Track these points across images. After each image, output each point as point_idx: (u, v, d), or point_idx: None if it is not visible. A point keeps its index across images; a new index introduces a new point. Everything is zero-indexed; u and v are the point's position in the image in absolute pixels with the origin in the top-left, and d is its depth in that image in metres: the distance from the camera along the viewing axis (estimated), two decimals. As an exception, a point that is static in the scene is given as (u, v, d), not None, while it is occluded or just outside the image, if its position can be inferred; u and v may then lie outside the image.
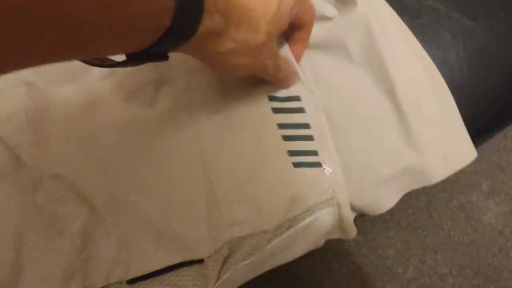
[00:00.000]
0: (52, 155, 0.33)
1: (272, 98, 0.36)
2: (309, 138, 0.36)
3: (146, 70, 0.35)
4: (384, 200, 0.37)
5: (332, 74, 0.39)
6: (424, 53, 0.42)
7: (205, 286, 0.33)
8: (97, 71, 0.35)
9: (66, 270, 0.32)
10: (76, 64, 0.34)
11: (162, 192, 0.33)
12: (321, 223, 0.36)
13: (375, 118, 0.38)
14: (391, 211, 0.55)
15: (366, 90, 0.38)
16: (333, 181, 0.35)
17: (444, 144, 0.39)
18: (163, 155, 0.34)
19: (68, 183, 0.33)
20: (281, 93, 0.36)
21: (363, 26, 0.39)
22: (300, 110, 0.36)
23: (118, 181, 0.33)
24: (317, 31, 0.39)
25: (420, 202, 0.69)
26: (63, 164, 0.33)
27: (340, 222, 0.37)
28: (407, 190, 0.39)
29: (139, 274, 0.32)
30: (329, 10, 0.40)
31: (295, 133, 0.35)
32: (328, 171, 0.35)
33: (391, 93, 0.38)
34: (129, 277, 0.32)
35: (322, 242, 0.38)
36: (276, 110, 0.36)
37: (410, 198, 0.70)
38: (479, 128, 0.44)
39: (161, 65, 0.35)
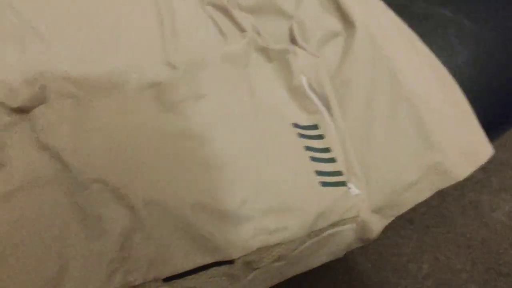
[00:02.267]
0: (95, 161, 0.35)
1: (295, 125, 0.38)
2: (332, 160, 0.38)
3: (184, 83, 0.37)
4: (412, 201, 0.39)
5: (346, 90, 0.41)
6: (432, 57, 0.44)
7: (232, 284, 0.35)
8: (135, 82, 0.37)
9: (108, 268, 0.34)
10: (115, 75, 0.37)
11: (197, 197, 0.35)
12: (344, 237, 0.38)
13: (393, 124, 0.40)
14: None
15: (380, 101, 0.40)
16: (359, 201, 0.37)
17: (462, 142, 0.41)
18: (198, 163, 0.36)
19: (111, 187, 0.35)
20: (302, 121, 0.39)
21: (368, 41, 0.41)
22: (320, 137, 0.39)
23: (157, 186, 0.35)
24: (330, 51, 0.42)
25: (432, 200, 0.70)
26: (106, 169, 0.35)
27: (362, 236, 0.38)
28: (435, 190, 0.41)
29: (174, 273, 0.34)
30: (334, 24, 0.43)
31: (320, 156, 0.38)
32: (354, 192, 0.38)
33: (405, 99, 0.40)
34: (165, 275, 0.34)
35: (342, 254, 0.40)
36: (300, 135, 0.38)
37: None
38: (488, 128, 0.46)
39: (200, 80, 0.38)
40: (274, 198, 0.36)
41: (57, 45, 0.39)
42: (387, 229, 0.68)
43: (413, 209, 0.71)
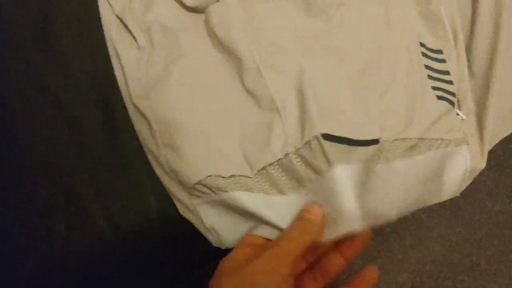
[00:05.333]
0: (266, 52, 0.40)
1: (421, 44, 0.43)
2: (450, 82, 0.42)
3: None
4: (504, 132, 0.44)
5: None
6: None
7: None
8: None
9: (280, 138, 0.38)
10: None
11: (347, 84, 0.40)
12: (459, 163, 0.41)
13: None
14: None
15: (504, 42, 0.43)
16: (465, 125, 0.41)
17: None
18: (342, 57, 0.41)
19: (282, 73, 0.39)
20: (429, 43, 0.43)
21: None
22: (443, 61, 0.43)
23: (321, 70, 0.40)
24: None
25: (510, 145, 0.75)
26: (275, 57, 0.40)
27: (473, 164, 0.41)
28: None
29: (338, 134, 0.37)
30: None
31: (438, 76, 0.42)
32: (460, 118, 0.42)
33: None
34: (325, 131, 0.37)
35: (459, 191, 0.42)
36: (423, 54, 0.43)
37: (500, 142, 0.76)
38: None
39: None
40: (400, 102, 0.40)
41: None
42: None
43: (491, 151, 0.76)
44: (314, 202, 0.37)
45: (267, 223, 0.39)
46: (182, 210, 0.41)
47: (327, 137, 0.37)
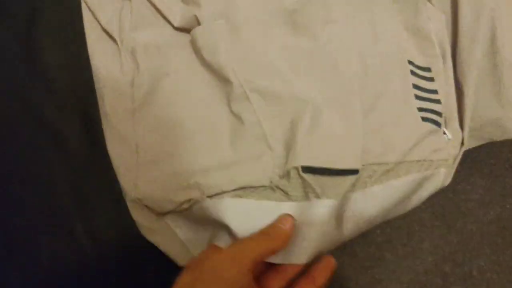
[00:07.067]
0: (252, 75, 0.39)
1: (410, 62, 0.42)
2: (437, 101, 0.42)
3: (314, 9, 0.41)
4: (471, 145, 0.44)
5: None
6: None
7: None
8: (273, 8, 0.41)
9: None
10: (262, 5, 0.41)
11: (326, 94, 0.39)
12: (435, 182, 0.41)
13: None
14: (474, 160, 0.61)
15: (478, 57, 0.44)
16: (451, 146, 0.41)
17: None
18: (323, 76, 0.40)
19: (268, 99, 0.39)
20: (417, 60, 0.42)
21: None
22: (431, 79, 0.42)
23: (306, 94, 0.40)
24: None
25: (502, 153, 0.74)
26: (262, 82, 0.39)
27: (443, 183, 0.41)
28: (489, 140, 0.45)
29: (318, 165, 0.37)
30: None
31: (426, 95, 0.42)
32: (447, 137, 0.41)
33: (492, 54, 0.43)
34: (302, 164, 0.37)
35: (419, 203, 0.43)
36: (412, 72, 0.42)
37: (492, 150, 0.75)
38: None
39: (329, 6, 0.42)
40: (377, 124, 0.40)
41: None
42: (458, 176, 0.73)
43: (483, 160, 0.75)
44: (289, 215, 0.36)
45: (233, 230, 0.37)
46: (147, 233, 0.39)
47: (307, 169, 0.37)
